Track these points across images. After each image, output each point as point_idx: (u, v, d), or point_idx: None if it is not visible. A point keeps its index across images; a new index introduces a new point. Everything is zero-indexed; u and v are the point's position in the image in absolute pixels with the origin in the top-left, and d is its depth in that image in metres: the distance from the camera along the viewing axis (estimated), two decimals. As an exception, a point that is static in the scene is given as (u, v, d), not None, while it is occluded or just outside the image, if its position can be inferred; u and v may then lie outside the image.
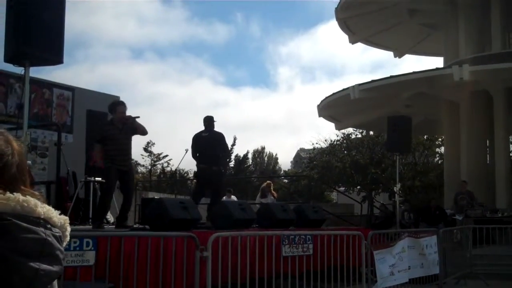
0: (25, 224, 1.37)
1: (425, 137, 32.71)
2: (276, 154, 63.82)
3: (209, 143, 10.34)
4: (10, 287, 1.32)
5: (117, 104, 9.04)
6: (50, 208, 1.48)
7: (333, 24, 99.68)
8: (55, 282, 1.56)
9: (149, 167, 50.44)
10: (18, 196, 1.42)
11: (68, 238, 1.53)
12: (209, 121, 10.50)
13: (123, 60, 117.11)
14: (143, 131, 9.00)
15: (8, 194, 1.41)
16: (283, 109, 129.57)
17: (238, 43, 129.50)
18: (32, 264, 1.35)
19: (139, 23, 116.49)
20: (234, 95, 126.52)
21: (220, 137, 10.52)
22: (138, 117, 9.01)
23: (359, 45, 27.32)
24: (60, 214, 1.51)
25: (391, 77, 20.18)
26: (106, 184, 9.12)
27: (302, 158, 60.38)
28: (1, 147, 1.49)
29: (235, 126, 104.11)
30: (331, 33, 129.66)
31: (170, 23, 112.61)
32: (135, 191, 18.79)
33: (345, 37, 25.89)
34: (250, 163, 56.84)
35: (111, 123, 8.89)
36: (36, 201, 1.45)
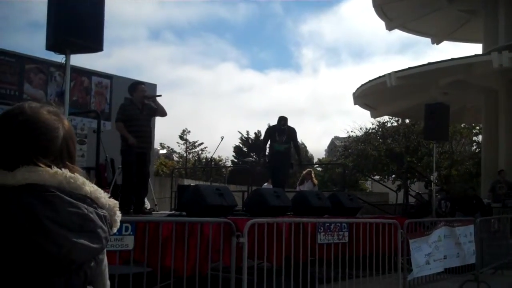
0: (68, 198, 1.42)
1: (462, 125, 32.22)
2: (304, 142, 63.46)
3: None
4: (47, 256, 1.36)
5: (137, 84, 8.86)
6: (99, 189, 1.52)
7: (357, 1, 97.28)
8: (105, 266, 1.60)
9: (185, 154, 50.90)
10: (66, 172, 1.47)
11: (118, 224, 1.57)
12: (285, 120, 12.23)
13: (140, 42, 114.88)
14: (162, 112, 8.74)
15: (55, 169, 1.46)
16: (309, 93, 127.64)
17: (260, 22, 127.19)
18: (70, 236, 1.38)
19: (157, 2, 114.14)
20: (258, 78, 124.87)
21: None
22: (160, 95, 8.87)
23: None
24: (109, 197, 1.56)
25: (429, 64, 19.88)
26: (125, 168, 8.67)
27: (337, 146, 60.00)
28: (50, 122, 1.54)
29: (261, 111, 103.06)
30: (355, 10, 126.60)
31: (188, 1, 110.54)
32: (171, 178, 19.00)
33: (369, 14, 25.46)
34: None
35: (131, 103, 8.63)
36: (85, 179, 1.50)
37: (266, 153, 12.82)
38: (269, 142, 12.53)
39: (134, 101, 8.62)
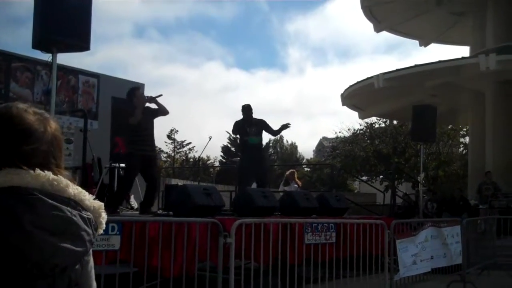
0: (50, 201, 1.39)
1: (449, 126, 32.41)
2: (295, 142, 63.56)
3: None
4: (29, 260, 1.33)
5: (135, 89, 8.97)
6: (83, 191, 1.49)
7: (343, 1, 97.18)
8: (91, 268, 1.58)
9: (172, 154, 50.81)
10: (49, 174, 1.44)
11: (103, 226, 1.54)
12: (250, 107, 11.14)
13: (125, 39, 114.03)
14: (164, 111, 8.82)
15: (38, 171, 1.43)
16: (295, 93, 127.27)
17: (246, 20, 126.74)
18: (53, 240, 1.35)
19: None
20: (244, 77, 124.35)
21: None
22: (161, 95, 8.86)
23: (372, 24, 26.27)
24: (94, 199, 1.53)
25: (416, 66, 19.97)
26: (127, 171, 8.90)
27: (325, 146, 60.17)
28: (33, 125, 1.50)
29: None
30: (341, 10, 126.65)
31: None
32: (159, 177, 18.91)
33: (355, 14, 25.57)
34: (272, 151, 56.87)
35: (134, 108, 8.66)
36: (69, 182, 1.47)
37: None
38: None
39: (135, 106, 8.64)
